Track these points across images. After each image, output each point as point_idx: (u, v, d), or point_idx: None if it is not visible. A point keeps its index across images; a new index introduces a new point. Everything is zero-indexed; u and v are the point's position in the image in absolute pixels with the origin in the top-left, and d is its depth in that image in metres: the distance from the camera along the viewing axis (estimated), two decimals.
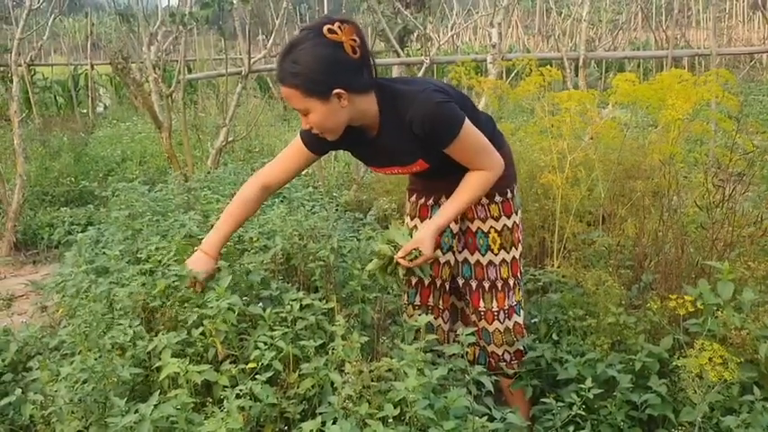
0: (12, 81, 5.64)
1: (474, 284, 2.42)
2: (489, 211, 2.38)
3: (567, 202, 3.23)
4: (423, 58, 6.41)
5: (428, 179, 2.40)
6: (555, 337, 2.57)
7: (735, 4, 16.16)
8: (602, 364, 2.32)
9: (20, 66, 6.83)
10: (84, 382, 2.04)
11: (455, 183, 2.25)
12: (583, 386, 2.16)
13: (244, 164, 6.05)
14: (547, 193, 3.41)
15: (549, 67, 3.32)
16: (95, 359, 2.04)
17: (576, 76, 7.53)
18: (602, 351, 2.38)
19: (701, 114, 3.81)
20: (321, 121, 2.08)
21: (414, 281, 2.51)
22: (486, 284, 2.40)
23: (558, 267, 3.10)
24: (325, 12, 10.84)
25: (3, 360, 2.79)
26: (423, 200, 2.51)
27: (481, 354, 2.51)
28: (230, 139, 5.63)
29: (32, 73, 9.72)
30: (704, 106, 3.42)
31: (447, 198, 2.32)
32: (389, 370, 1.90)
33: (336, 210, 4.41)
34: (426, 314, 2.48)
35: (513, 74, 5.83)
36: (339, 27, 1.99)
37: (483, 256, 2.39)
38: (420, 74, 5.82)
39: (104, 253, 3.31)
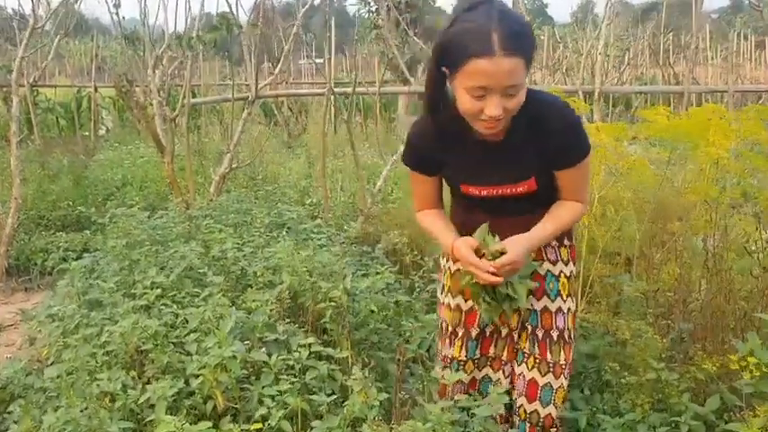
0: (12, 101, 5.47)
1: (540, 334, 2.11)
2: (560, 254, 2.13)
3: (594, 242, 3.02)
4: None
5: (498, 214, 2.05)
6: (587, 391, 2.35)
7: (741, 44, 16.19)
8: (644, 426, 2.10)
9: (21, 86, 6.68)
10: None
11: (522, 223, 2.00)
12: None
13: (247, 191, 5.86)
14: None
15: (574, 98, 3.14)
16: (81, 411, 1.82)
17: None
18: (642, 411, 2.15)
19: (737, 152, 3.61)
20: (520, 101, 1.77)
21: (475, 333, 2.17)
22: (555, 334, 2.11)
23: (583, 312, 2.89)
24: (332, 41, 10.73)
25: None
26: None
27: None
28: (234, 165, 5.47)
29: (35, 94, 9.59)
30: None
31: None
32: None
33: (343, 243, 4.21)
34: (484, 367, 2.20)
35: None
36: None
37: (552, 302, 2.12)
38: None
39: (98, 284, 3.12)
